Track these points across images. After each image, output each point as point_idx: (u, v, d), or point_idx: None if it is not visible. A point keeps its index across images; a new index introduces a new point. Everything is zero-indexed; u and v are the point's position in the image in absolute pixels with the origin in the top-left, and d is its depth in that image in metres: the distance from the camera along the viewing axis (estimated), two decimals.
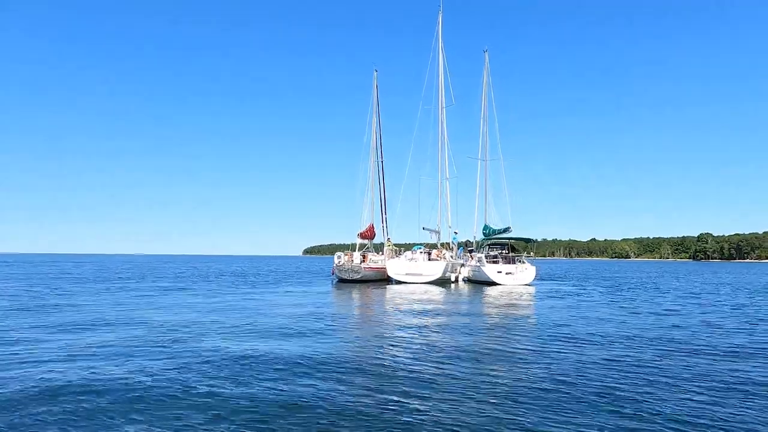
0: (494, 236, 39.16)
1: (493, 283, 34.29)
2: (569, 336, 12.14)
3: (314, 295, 25.19)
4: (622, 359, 9.42)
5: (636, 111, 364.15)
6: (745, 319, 15.81)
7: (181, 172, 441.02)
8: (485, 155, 43.71)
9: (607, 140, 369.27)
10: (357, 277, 36.44)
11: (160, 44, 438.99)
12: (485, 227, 41.71)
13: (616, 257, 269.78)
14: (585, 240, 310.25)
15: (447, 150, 43.71)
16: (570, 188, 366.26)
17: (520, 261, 35.49)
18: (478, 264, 36.21)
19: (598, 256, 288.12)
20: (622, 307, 19.52)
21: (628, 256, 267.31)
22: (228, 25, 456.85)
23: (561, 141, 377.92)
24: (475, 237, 43.67)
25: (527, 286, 33.04)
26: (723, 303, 21.74)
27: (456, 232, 42.01)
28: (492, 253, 36.63)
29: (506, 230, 38.10)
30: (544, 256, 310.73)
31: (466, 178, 64.50)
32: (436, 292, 27.97)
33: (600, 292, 28.95)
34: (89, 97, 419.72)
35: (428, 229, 41.29)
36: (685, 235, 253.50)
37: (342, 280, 36.85)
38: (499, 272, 34.58)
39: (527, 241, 38.56)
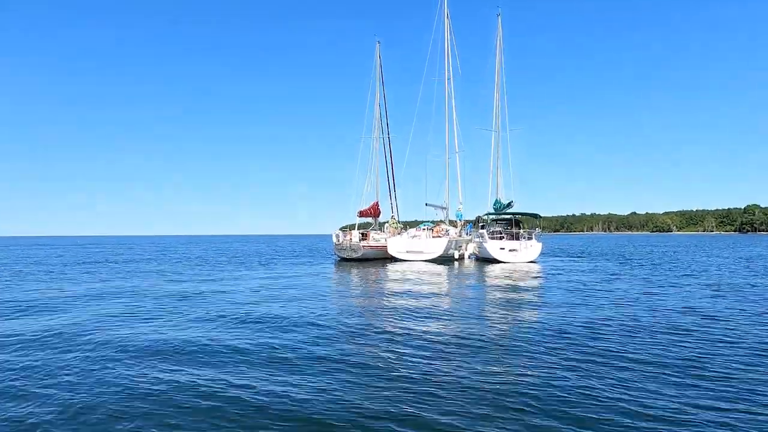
0: (501, 212, 37.45)
1: (496, 261, 32.77)
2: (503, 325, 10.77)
3: (298, 276, 24.31)
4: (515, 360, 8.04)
5: (676, 74, 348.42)
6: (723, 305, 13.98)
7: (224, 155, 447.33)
8: (498, 126, 41.52)
9: (646, 107, 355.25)
10: (356, 255, 35.51)
11: (164, 17, 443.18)
12: (496, 202, 39.87)
13: (657, 231, 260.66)
14: (625, 214, 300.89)
15: (456, 123, 41.89)
16: (608, 159, 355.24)
17: (525, 237, 33.75)
18: (481, 241, 34.66)
19: (638, 230, 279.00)
20: (600, 289, 17.78)
21: (669, 230, 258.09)
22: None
23: (596, 108, 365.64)
24: (488, 213, 41.90)
25: (530, 264, 31.36)
26: (719, 281, 19.75)
27: (459, 209, 40.36)
28: (495, 230, 34.96)
29: (509, 205, 36.30)
30: (582, 230, 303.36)
31: (474, 152, 60.67)
32: (433, 270, 26.68)
33: (600, 269, 27.05)
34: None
35: (432, 205, 39.81)
36: (731, 207, 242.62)
37: (343, 259, 36.00)
38: (501, 249, 32.96)
39: (535, 216, 36.61)
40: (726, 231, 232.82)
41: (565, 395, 6.03)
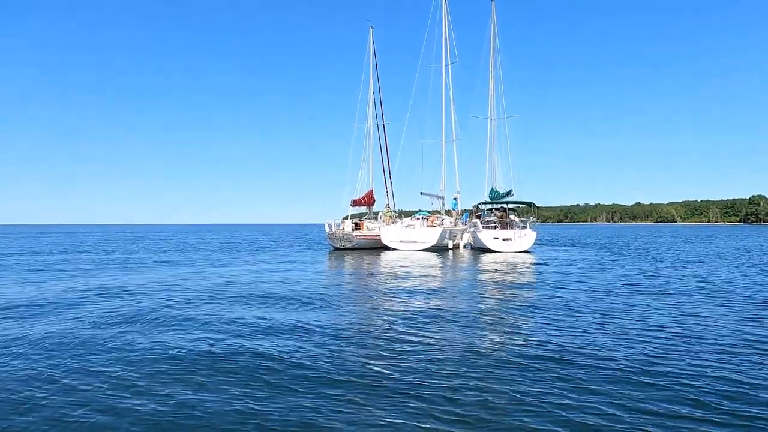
0: (497, 200, 37.06)
1: (490, 250, 32.44)
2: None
3: (290, 264, 24.08)
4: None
5: (681, 63, 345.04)
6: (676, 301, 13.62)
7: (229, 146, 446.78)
8: (494, 114, 40.98)
9: (649, 95, 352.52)
10: (349, 245, 35.26)
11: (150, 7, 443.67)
12: (492, 191, 39.46)
13: (661, 221, 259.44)
14: (629, 204, 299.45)
15: (453, 110, 41.39)
16: (612, 149, 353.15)
17: (519, 226, 33.38)
18: (475, 230, 34.35)
19: (642, 221, 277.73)
20: (582, 281, 17.46)
21: (674, 220, 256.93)
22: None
23: (601, 98, 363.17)
24: (483, 202, 41.52)
25: (523, 254, 31.01)
26: (699, 274, 19.38)
27: (455, 198, 39.98)
28: (490, 219, 34.62)
29: (509, 193, 35.89)
30: (586, 221, 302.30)
31: (470, 140, 59.74)
32: (423, 259, 26.34)
33: (590, 260, 26.71)
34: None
35: (427, 194, 39.37)
36: (736, 198, 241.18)
37: (336, 249, 35.75)
38: (495, 239, 32.61)
39: (530, 205, 36.22)
40: (730, 222, 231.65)
41: (515, 396, 5.74)
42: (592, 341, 8.01)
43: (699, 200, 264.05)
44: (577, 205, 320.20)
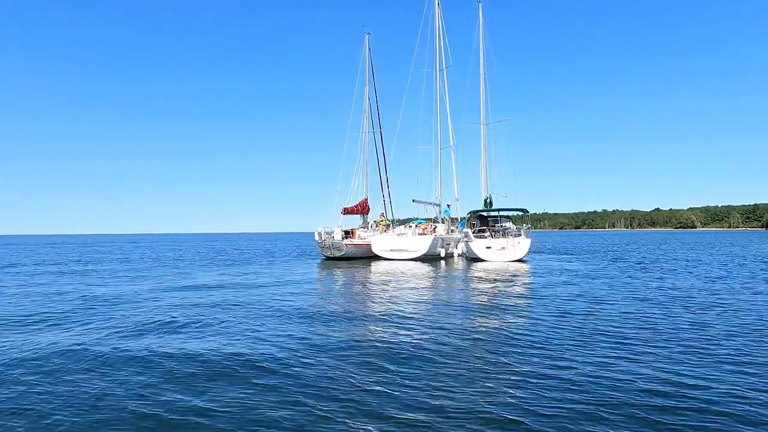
0: (488, 209, 36.00)
1: (482, 259, 31.29)
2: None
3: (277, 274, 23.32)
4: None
5: (699, 62, 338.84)
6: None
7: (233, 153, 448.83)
8: (485, 119, 39.92)
9: (668, 98, 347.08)
10: (339, 254, 34.41)
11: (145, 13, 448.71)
12: (486, 199, 38.40)
13: (680, 227, 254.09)
14: (648, 210, 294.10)
15: (449, 115, 40.48)
16: (631, 154, 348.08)
17: (512, 234, 32.17)
18: (467, 240, 33.24)
19: (661, 227, 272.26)
20: (554, 295, 16.39)
21: (693, 226, 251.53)
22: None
23: (618, 102, 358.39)
24: (475, 210, 40.39)
25: (516, 263, 29.80)
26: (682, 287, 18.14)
27: (449, 205, 38.94)
28: (481, 227, 33.51)
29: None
30: (604, 227, 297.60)
31: (462, 146, 58.44)
32: (412, 272, 25.16)
33: (578, 270, 25.50)
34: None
35: (421, 202, 38.34)
36: (758, 202, 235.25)
37: (328, 258, 34.95)
38: (488, 248, 31.41)
39: (523, 212, 35.01)
40: (752, 227, 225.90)
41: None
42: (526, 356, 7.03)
43: (719, 205, 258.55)
44: (595, 211, 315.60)
